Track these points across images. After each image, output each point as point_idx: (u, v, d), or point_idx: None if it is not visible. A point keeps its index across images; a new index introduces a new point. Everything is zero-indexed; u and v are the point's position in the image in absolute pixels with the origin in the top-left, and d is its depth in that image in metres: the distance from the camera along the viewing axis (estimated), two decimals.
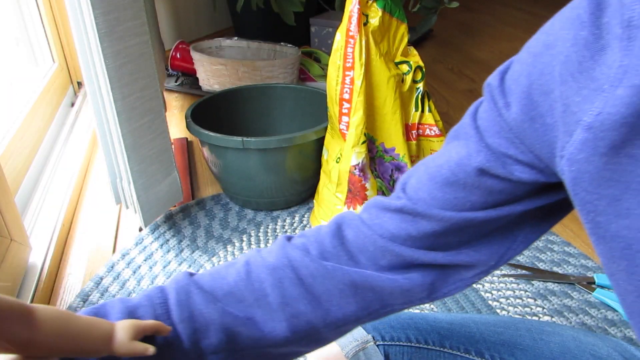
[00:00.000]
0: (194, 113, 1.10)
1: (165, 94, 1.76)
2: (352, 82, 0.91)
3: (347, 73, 0.91)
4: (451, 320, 0.52)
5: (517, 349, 0.48)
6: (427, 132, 1.00)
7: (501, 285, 0.92)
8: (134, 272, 0.95)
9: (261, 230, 1.07)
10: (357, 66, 0.89)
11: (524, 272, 0.95)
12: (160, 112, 0.94)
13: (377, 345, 0.49)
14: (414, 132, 1.00)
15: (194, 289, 0.37)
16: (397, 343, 0.49)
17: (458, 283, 0.39)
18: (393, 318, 0.52)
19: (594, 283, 0.91)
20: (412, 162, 1.00)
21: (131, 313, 0.35)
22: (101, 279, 0.93)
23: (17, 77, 1.39)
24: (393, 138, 0.96)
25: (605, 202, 0.26)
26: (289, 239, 0.41)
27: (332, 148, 1.00)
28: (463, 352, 0.49)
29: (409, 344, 0.49)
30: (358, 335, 0.49)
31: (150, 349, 0.47)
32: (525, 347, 0.48)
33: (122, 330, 0.43)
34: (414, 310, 0.86)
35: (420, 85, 0.98)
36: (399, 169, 0.99)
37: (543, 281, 0.92)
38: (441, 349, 0.49)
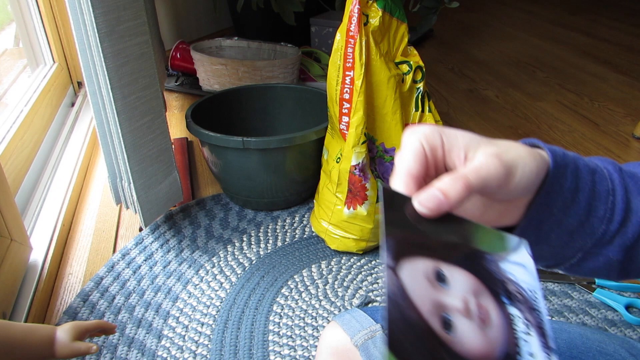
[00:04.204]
0: (194, 113, 1.10)
1: (165, 94, 1.76)
2: (352, 82, 0.91)
3: (347, 73, 0.91)
4: None
5: None
6: None
7: None
8: (134, 272, 0.95)
9: (261, 230, 1.07)
10: (357, 66, 0.89)
11: None
12: (160, 112, 0.94)
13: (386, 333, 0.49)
14: None
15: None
16: None
17: None
18: None
19: (594, 283, 0.91)
20: None
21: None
22: (101, 279, 0.93)
23: (18, 76, 1.39)
24: (393, 138, 0.96)
25: None
26: None
27: (332, 148, 1.00)
28: None
29: None
30: (366, 324, 0.50)
31: (94, 347, 0.47)
32: None
33: (63, 332, 0.42)
34: None
35: (421, 85, 0.98)
36: None
37: (543, 281, 0.92)
38: None
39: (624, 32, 2.56)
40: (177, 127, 1.54)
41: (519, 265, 0.31)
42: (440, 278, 0.28)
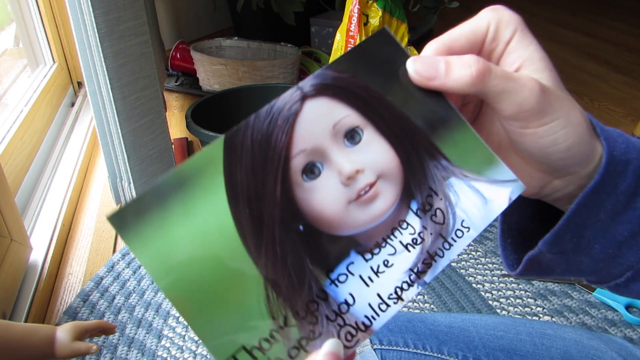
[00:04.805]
0: (194, 113, 1.10)
1: (165, 94, 1.76)
2: None
3: None
4: (450, 323, 0.51)
5: (516, 355, 0.47)
6: None
7: (501, 285, 0.92)
8: (134, 272, 0.95)
9: None
10: None
11: None
12: (160, 112, 0.94)
13: (375, 350, 0.49)
14: None
15: None
16: (395, 348, 0.49)
17: None
18: (391, 321, 0.52)
19: None
20: None
21: None
22: (101, 279, 0.93)
23: (18, 76, 1.39)
24: None
25: None
26: None
27: None
28: (461, 358, 0.48)
29: (406, 349, 0.49)
30: None
31: (94, 347, 0.47)
32: (524, 354, 0.47)
33: (63, 332, 0.43)
34: (414, 311, 0.86)
35: None
36: None
37: (543, 281, 0.92)
38: (439, 355, 0.48)
39: (624, 32, 2.56)
40: (177, 127, 1.54)
41: (479, 195, 0.25)
42: (351, 135, 0.24)
